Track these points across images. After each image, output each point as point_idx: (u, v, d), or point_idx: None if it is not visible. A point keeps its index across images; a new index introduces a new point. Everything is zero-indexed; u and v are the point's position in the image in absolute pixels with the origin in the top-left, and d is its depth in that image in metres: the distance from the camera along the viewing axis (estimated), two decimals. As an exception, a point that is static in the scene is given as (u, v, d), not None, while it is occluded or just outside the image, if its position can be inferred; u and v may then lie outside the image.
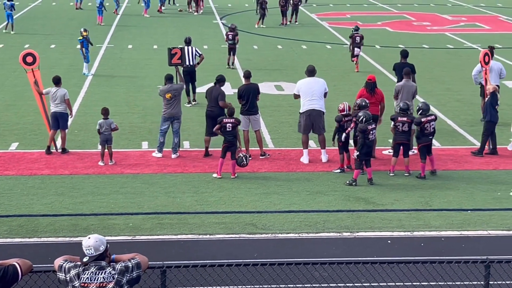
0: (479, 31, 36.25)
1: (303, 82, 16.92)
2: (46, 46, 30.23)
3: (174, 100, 16.75)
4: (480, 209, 13.92)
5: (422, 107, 15.81)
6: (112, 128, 16.39)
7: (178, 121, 16.87)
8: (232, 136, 15.58)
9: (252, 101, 16.97)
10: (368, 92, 16.74)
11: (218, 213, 13.56)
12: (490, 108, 17.07)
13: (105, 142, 16.29)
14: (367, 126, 15.18)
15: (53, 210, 13.61)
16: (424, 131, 15.59)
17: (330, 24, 37.80)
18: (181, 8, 42.27)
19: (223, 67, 26.71)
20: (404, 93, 17.02)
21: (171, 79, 17.08)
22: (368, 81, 16.90)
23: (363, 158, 15.19)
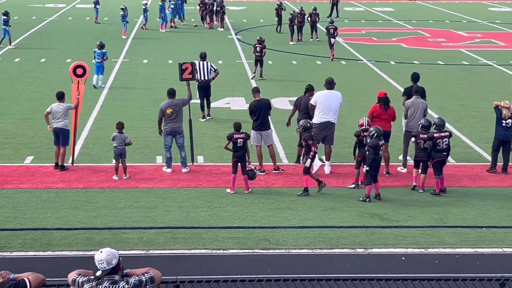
0: (495, 48, 36.15)
1: (322, 94, 17.05)
2: (62, 60, 30.40)
3: (175, 115, 16.78)
4: (495, 227, 13.83)
5: (437, 123, 15.77)
6: (126, 143, 16.42)
7: (180, 135, 16.88)
8: (243, 150, 15.59)
9: (263, 116, 17.00)
10: (382, 107, 16.72)
11: (232, 228, 13.54)
12: (496, 124, 17.07)
13: (119, 157, 16.33)
14: (378, 141, 15.15)
15: (67, 223, 13.64)
16: (436, 146, 15.54)
17: (345, 40, 37.81)
18: (196, 23, 42.42)
19: (237, 82, 26.77)
20: (413, 111, 16.89)
21: (173, 94, 17.11)
22: (382, 97, 16.86)
23: (373, 173, 15.16)
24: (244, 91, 24.62)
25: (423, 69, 29.56)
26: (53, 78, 26.81)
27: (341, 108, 22.28)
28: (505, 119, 16.95)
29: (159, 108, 17.10)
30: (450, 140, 15.82)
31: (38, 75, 27.63)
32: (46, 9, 49.92)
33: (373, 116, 16.64)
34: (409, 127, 16.87)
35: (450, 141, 15.87)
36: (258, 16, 47.57)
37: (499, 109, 17.06)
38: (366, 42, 37.31)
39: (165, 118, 16.87)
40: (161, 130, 17.01)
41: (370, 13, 51.18)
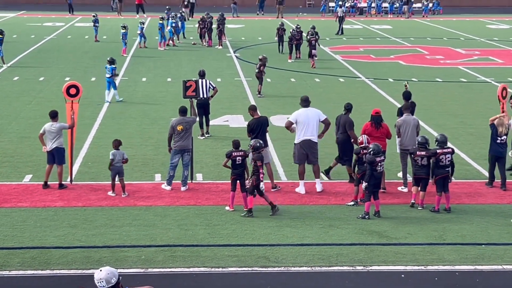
0: (493, 65, 36.26)
1: (300, 113, 17.02)
2: (61, 78, 30.43)
3: (185, 132, 16.79)
4: (494, 244, 13.81)
5: (439, 139, 15.78)
6: (124, 159, 16.42)
7: (188, 153, 16.88)
8: (242, 168, 15.59)
9: (262, 134, 17.03)
10: (373, 126, 16.73)
11: (231, 246, 13.52)
12: (490, 140, 17.16)
13: (117, 175, 16.33)
14: (375, 158, 15.17)
15: (66, 242, 13.62)
16: (439, 162, 15.54)
17: (343, 57, 37.92)
18: (195, 41, 42.53)
19: (236, 99, 26.83)
20: (405, 128, 16.88)
21: (185, 112, 17.14)
22: (374, 115, 16.87)
23: (372, 189, 15.15)
24: (243, 109, 24.64)
25: (421, 86, 29.67)
26: (51, 96, 26.83)
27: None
28: (500, 136, 17.01)
29: (170, 125, 17.11)
30: (452, 157, 15.78)
31: (36, 94, 27.68)
32: (45, 27, 50.06)
33: (365, 134, 16.63)
34: (404, 145, 16.85)
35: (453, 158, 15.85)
36: (256, 34, 47.72)
37: (495, 125, 17.12)
38: (364, 60, 37.42)
39: (175, 136, 16.86)
40: (171, 148, 16.97)
41: (368, 30, 51.36)
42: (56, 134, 16.77)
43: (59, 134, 16.83)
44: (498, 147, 17.05)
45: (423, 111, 24.68)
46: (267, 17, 59.66)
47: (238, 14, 59.01)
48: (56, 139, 16.78)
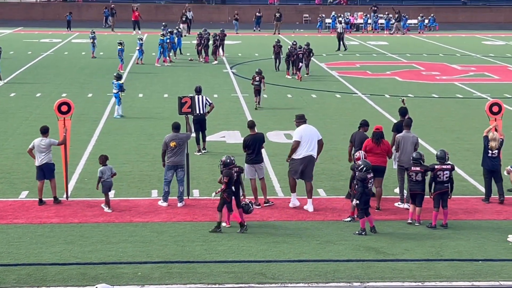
0: (489, 81, 36.35)
1: (304, 129, 16.98)
2: (58, 95, 30.45)
3: (178, 149, 16.79)
4: (491, 260, 13.80)
5: (438, 155, 15.80)
6: (112, 173, 16.49)
7: (182, 169, 16.87)
8: (237, 184, 15.57)
9: (258, 150, 17.02)
10: (374, 142, 16.74)
11: (227, 262, 13.49)
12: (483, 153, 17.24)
13: (108, 190, 16.37)
14: (366, 175, 15.16)
15: (62, 259, 13.58)
16: (436, 178, 15.55)
17: (339, 73, 38.00)
18: (192, 57, 42.60)
19: (232, 115, 26.85)
20: (404, 145, 16.88)
21: (178, 128, 17.14)
22: (375, 131, 16.89)
23: (362, 207, 15.14)
24: (240, 125, 24.68)
25: (417, 102, 29.72)
26: (48, 112, 26.79)
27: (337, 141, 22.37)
28: (492, 150, 17.06)
29: (163, 141, 17.09)
30: (452, 173, 15.73)
31: (33, 110, 27.68)
32: (42, 44, 50.13)
33: (366, 150, 16.63)
34: (401, 161, 16.84)
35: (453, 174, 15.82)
36: (253, 50, 47.83)
37: (488, 138, 17.16)
38: (361, 76, 37.50)
39: (168, 152, 16.86)
40: (165, 163, 16.98)
41: (364, 47, 51.50)
42: (46, 149, 16.77)
43: (48, 150, 16.82)
44: (490, 161, 17.11)
45: (419, 127, 24.70)
46: (264, 33, 59.82)
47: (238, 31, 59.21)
48: (45, 155, 16.77)
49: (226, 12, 69.25)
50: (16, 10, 68.31)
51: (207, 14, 68.79)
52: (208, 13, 69.20)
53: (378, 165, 16.40)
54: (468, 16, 71.03)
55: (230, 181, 15.15)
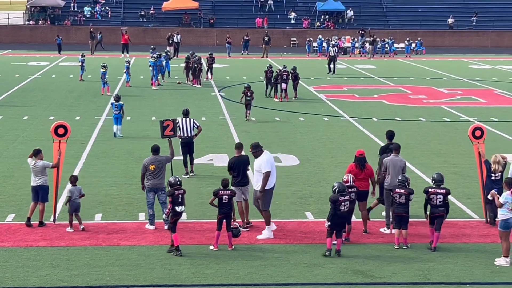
0: (475, 105, 36.57)
1: (270, 157, 16.74)
2: (45, 118, 30.40)
3: (158, 171, 16.76)
4: (478, 283, 13.81)
5: (434, 178, 15.86)
6: (81, 195, 16.59)
7: (162, 192, 16.84)
8: (229, 207, 15.57)
9: (243, 172, 16.97)
10: (358, 167, 16.75)
11: (215, 286, 13.44)
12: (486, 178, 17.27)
13: (75, 210, 16.46)
14: (339, 197, 15.18)
15: (48, 282, 13.49)
16: (430, 201, 15.60)
17: (327, 96, 38.13)
18: (180, 80, 42.65)
19: (220, 138, 26.85)
20: (392, 169, 16.91)
21: (157, 151, 17.13)
22: (358, 157, 16.89)
23: (334, 228, 15.15)
24: (227, 148, 24.69)
25: (405, 126, 29.85)
26: (35, 135, 26.79)
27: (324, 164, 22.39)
28: (495, 173, 17.08)
29: (142, 164, 17.08)
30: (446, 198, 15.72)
31: (20, 133, 27.60)
32: (29, 67, 50.11)
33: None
34: (389, 185, 16.86)
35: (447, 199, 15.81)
36: (241, 73, 47.97)
37: (489, 163, 17.19)
38: (348, 99, 37.64)
39: (147, 174, 16.86)
40: (144, 186, 16.99)
41: (352, 70, 51.76)
42: (40, 172, 16.73)
43: (42, 172, 16.78)
44: (493, 184, 17.05)
45: (407, 150, 24.77)
46: (252, 56, 60.04)
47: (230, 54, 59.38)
48: (40, 177, 16.74)
49: (214, 36, 69.50)
50: (3, 33, 68.25)
51: (195, 37, 68.99)
52: (196, 36, 69.40)
53: (362, 189, 16.47)
54: (455, 40, 71.55)
55: (174, 201, 15.14)
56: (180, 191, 15.33)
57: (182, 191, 15.41)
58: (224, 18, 72.08)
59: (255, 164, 16.62)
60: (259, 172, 16.44)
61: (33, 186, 16.84)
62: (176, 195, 15.23)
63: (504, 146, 25.84)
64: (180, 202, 15.28)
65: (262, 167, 16.41)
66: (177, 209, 15.20)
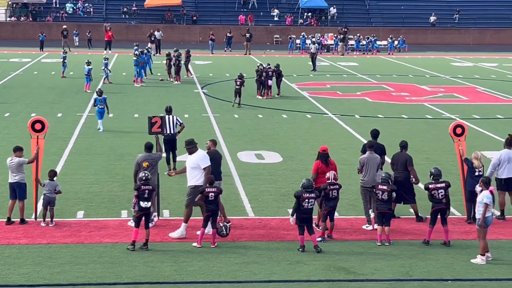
0: (457, 102, 36.73)
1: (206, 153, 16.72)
2: (27, 114, 30.23)
3: (150, 169, 16.67)
4: (460, 279, 13.87)
5: (433, 173, 15.94)
6: (56, 191, 16.53)
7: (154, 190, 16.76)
8: (215, 205, 15.54)
9: (217, 168, 16.89)
10: (323, 163, 16.75)
11: (198, 283, 13.42)
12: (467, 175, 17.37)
13: (48, 204, 16.43)
14: (303, 193, 15.19)
15: (29, 280, 13.42)
16: (433, 197, 15.66)
17: (310, 94, 38.17)
18: (162, 77, 42.55)
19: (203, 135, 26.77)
20: (368, 166, 16.94)
21: (151, 148, 17.09)
22: (321, 153, 16.89)
23: (299, 223, 15.19)
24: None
25: (387, 123, 29.93)
26: (17, 132, 26.62)
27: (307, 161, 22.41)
28: (476, 169, 17.15)
29: (136, 161, 17.01)
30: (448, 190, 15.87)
31: (1, 130, 27.43)
32: (11, 63, 49.83)
33: (318, 172, 16.66)
34: (365, 182, 16.89)
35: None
36: (224, 70, 47.92)
37: (469, 160, 17.27)
38: (331, 96, 37.70)
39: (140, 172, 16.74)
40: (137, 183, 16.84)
41: (334, 67, 51.84)
42: (16, 169, 16.63)
43: (18, 169, 16.67)
44: (475, 182, 17.12)
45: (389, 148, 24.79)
46: (235, 53, 60.00)
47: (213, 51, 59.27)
48: (17, 174, 16.64)
49: (197, 33, 69.41)
50: (-15, 30, 67.88)
51: (178, 34, 68.88)
52: (179, 33, 69.30)
53: None
54: (437, 38, 71.86)
55: (139, 195, 15.14)
56: (147, 186, 15.29)
57: (150, 187, 15.38)
58: (207, 15, 72.00)
59: (188, 161, 16.44)
60: (195, 168, 16.23)
61: (10, 183, 16.78)
62: (142, 190, 15.21)
63: (485, 143, 25.99)
64: (146, 198, 15.26)
65: (201, 162, 16.22)
66: (141, 204, 15.19)
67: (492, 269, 14.42)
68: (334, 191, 15.98)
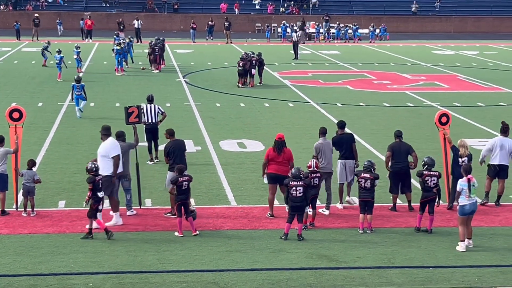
0: (438, 90, 36.86)
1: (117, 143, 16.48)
2: (7, 104, 29.91)
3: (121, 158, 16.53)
4: (441, 266, 13.95)
5: (427, 162, 16.01)
6: (35, 180, 16.46)
7: (126, 179, 16.70)
8: (187, 194, 15.50)
9: (181, 157, 16.83)
10: (275, 151, 16.75)
11: (180, 272, 13.42)
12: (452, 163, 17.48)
13: (28, 194, 16.39)
14: (290, 181, 15.25)
15: (11, 270, 13.36)
16: (424, 184, 15.74)
17: (292, 82, 38.16)
18: (144, 66, 42.38)
19: (185, 124, 26.74)
20: (324, 151, 17.09)
21: (121, 136, 16.96)
22: (277, 140, 16.88)
23: (291, 212, 15.27)
24: (192, 134, 24.63)
25: (369, 111, 30.00)
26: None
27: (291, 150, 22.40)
28: (461, 157, 17.23)
29: None
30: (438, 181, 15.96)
31: (-18, 119, 27.19)
32: (-9, 52, 49.43)
33: (269, 159, 16.68)
34: (323, 168, 16.93)
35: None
36: (205, 59, 47.79)
37: (457, 148, 17.36)
38: (313, 85, 37.71)
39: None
40: None
41: (316, 56, 51.85)
42: (0, 159, 16.50)
43: (3, 159, 16.55)
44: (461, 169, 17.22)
45: (371, 136, 24.94)
46: (216, 42, 59.87)
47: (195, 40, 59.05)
48: (1, 165, 16.52)
49: (179, 21, 69.18)
50: (-36, 18, 67.27)
51: (159, 23, 68.60)
52: (160, 22, 69.03)
53: (281, 174, 16.45)
54: (418, 26, 72.06)
55: (95, 187, 15.10)
56: (99, 177, 15.26)
57: (101, 176, 15.34)
58: (188, 3, 71.76)
59: (100, 149, 16.32)
60: (104, 157, 16.11)
61: None
62: (97, 181, 15.16)
63: (467, 131, 26.11)
64: (100, 188, 15.23)
65: (110, 152, 16.09)
66: (99, 194, 15.17)
67: (473, 256, 14.51)
68: (316, 179, 16.01)
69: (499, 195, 17.99)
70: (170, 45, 46.55)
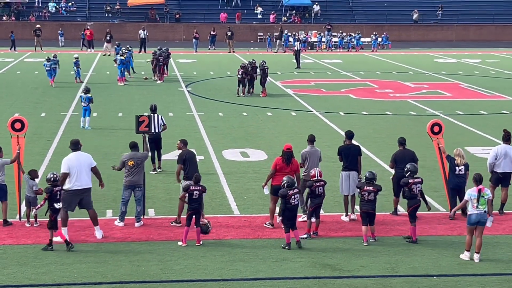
0: (441, 98, 36.86)
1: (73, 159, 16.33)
2: (10, 114, 29.93)
3: (136, 168, 16.62)
4: (445, 275, 13.93)
5: (410, 169, 15.98)
6: (34, 191, 16.46)
7: (139, 189, 16.72)
8: (198, 203, 15.52)
9: (195, 167, 16.83)
10: (284, 162, 16.74)
11: (183, 282, 13.41)
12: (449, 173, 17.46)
13: (29, 204, 16.38)
14: (288, 191, 15.24)
15: (15, 280, 13.36)
16: (410, 192, 15.75)
17: (294, 91, 38.18)
18: (146, 76, 42.42)
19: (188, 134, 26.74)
20: (311, 160, 17.09)
21: (136, 147, 17.03)
22: (285, 151, 16.87)
23: (286, 222, 15.23)
24: (195, 143, 24.64)
25: (371, 120, 30.00)
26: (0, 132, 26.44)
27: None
28: (458, 166, 17.22)
29: (120, 159, 16.95)
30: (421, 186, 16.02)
31: (-15, 130, 27.23)
32: (-6, 63, 49.53)
33: (277, 169, 16.67)
34: (307, 176, 16.92)
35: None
36: (208, 68, 47.85)
37: (452, 157, 17.35)
38: (315, 93, 37.73)
39: (125, 171, 16.69)
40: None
41: (318, 65, 51.89)
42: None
43: (1, 170, 16.56)
44: (457, 179, 17.23)
45: (373, 144, 24.94)
46: (219, 51, 59.96)
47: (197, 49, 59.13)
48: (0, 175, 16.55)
49: (181, 31, 69.30)
50: (-34, 29, 67.41)
51: (162, 33, 68.73)
52: (163, 31, 69.16)
53: None
54: (420, 34, 72.11)
55: (50, 197, 15.05)
56: (58, 188, 15.23)
57: (60, 188, 15.30)
58: (191, 13, 71.90)
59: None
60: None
61: None
62: (55, 192, 15.15)
63: (469, 139, 26.10)
64: (58, 199, 15.19)
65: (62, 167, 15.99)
66: (56, 206, 15.13)
67: (477, 265, 14.49)
68: (320, 187, 16.01)
69: (502, 203, 17.97)
70: (172, 55, 46.54)
